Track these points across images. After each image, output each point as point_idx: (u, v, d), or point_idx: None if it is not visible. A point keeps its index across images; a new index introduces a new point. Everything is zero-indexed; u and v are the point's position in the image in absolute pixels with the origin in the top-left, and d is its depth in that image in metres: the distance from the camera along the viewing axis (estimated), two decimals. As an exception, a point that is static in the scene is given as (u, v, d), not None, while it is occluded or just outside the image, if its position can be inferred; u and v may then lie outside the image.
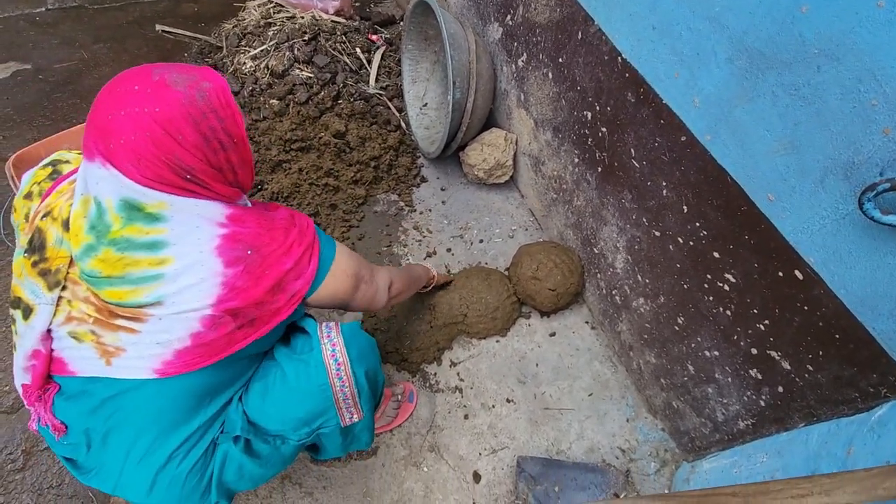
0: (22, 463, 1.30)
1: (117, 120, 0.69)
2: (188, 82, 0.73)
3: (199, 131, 0.73)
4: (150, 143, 0.70)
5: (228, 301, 0.78)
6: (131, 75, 0.73)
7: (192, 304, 0.76)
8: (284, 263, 0.83)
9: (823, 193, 0.82)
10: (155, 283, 0.74)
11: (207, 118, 0.74)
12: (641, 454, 1.42)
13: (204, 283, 0.76)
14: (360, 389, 0.99)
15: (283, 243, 0.84)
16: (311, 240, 0.90)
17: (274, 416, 0.93)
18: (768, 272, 0.97)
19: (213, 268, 0.76)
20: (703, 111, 1.01)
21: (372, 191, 1.97)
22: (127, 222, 0.73)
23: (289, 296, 0.86)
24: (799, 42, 0.79)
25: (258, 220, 0.83)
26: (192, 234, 0.76)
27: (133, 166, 0.70)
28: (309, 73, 2.13)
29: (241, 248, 0.79)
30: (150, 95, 0.70)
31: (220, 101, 0.75)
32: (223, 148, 0.77)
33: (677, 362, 1.32)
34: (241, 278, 0.78)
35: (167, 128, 0.70)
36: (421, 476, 1.35)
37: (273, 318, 0.85)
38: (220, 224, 0.79)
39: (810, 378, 0.95)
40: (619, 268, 1.46)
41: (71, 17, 2.58)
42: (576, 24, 1.35)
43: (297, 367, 0.95)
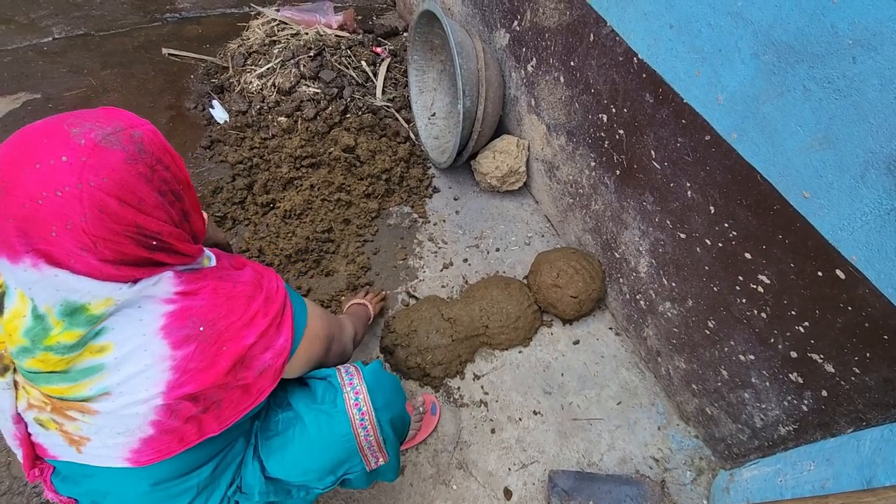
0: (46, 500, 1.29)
1: (52, 203, 0.56)
2: (120, 136, 0.62)
3: (155, 189, 0.65)
4: (108, 219, 0.59)
5: (181, 387, 0.69)
6: (45, 145, 0.58)
7: (140, 395, 0.67)
8: (246, 337, 0.74)
9: (865, 189, 0.78)
10: (96, 375, 0.66)
11: (157, 171, 0.65)
12: (676, 463, 1.38)
13: (150, 371, 0.67)
14: (385, 437, 0.95)
15: (243, 314, 0.75)
16: (279, 307, 0.80)
17: (295, 469, 0.90)
18: (806, 272, 0.93)
19: (159, 351, 0.67)
20: (728, 109, 0.98)
21: (384, 204, 1.95)
22: (68, 327, 0.63)
23: (258, 371, 0.76)
24: (831, 33, 0.76)
25: (214, 288, 0.74)
26: (133, 316, 0.67)
27: (86, 252, 0.59)
28: (316, 88, 2.13)
29: (190, 325, 0.70)
30: (88, 164, 0.58)
31: (158, 148, 0.66)
32: (178, 199, 0.69)
33: (709, 367, 1.28)
34: (193, 360, 0.69)
35: (122, 196, 0.60)
36: (450, 495, 1.32)
37: (244, 399, 0.77)
38: (167, 300, 0.69)
39: (857, 381, 0.91)
40: (643, 272, 1.42)
41: (78, 46, 2.60)
42: (587, 27, 1.33)
43: (317, 417, 0.91)
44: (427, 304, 1.59)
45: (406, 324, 1.54)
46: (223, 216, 1.86)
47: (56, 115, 0.63)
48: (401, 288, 1.73)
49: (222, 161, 2.05)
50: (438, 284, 1.74)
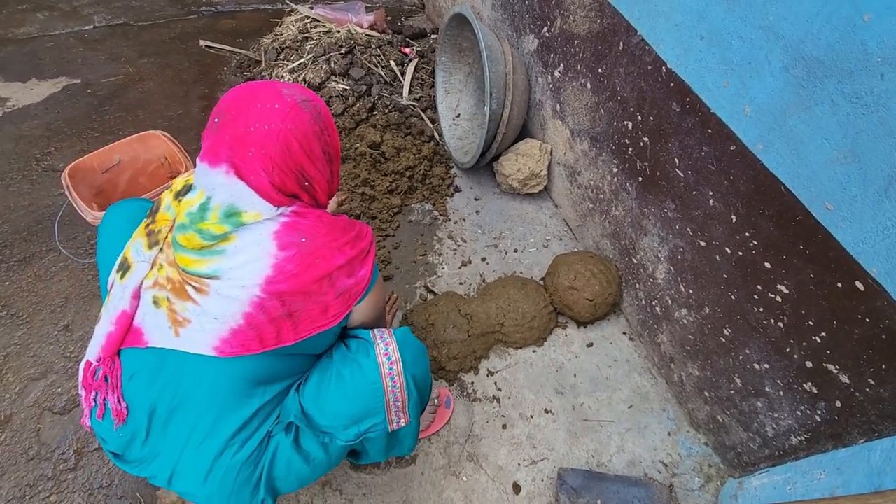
0: (74, 463, 1.34)
1: (260, 132, 0.79)
2: (310, 104, 0.85)
3: (322, 146, 0.86)
4: (288, 155, 0.81)
5: (276, 283, 0.81)
6: (265, 93, 0.82)
7: (244, 281, 0.80)
8: (336, 259, 0.87)
9: (888, 203, 0.80)
10: (216, 257, 0.81)
11: (325, 134, 0.87)
12: (685, 469, 1.39)
13: (256, 263, 0.81)
14: (409, 394, 0.99)
15: (336, 239, 0.88)
16: (366, 246, 0.93)
17: (326, 410, 0.94)
18: (825, 283, 0.95)
19: (267, 249, 0.81)
20: (755, 120, 1.00)
21: (407, 200, 2.00)
22: (220, 221, 0.81)
23: (339, 291, 0.88)
24: (861, 50, 0.78)
25: (319, 216, 0.89)
26: (260, 224, 0.83)
27: (265, 173, 0.80)
28: (345, 85, 2.18)
29: (296, 235, 0.83)
30: (290, 115, 0.81)
31: (329, 121, 0.88)
32: (331, 161, 0.90)
33: (723, 375, 1.29)
34: (291, 262, 0.82)
35: (303, 143, 0.82)
36: (460, 486, 1.35)
37: (320, 317, 0.88)
38: (284, 215, 0.85)
39: (872, 392, 0.92)
40: (661, 278, 1.44)
41: (117, 34, 2.69)
42: (617, 35, 1.36)
43: (351, 366, 0.97)
44: (445, 299, 1.62)
45: (424, 317, 1.57)
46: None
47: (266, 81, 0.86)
48: (419, 283, 1.77)
49: (251, 151, 2.10)
50: (456, 281, 1.78)
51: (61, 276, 1.70)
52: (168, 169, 1.79)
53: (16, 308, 1.63)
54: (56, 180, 1.95)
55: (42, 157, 2.05)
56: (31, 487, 1.30)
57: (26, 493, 1.29)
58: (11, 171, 1.99)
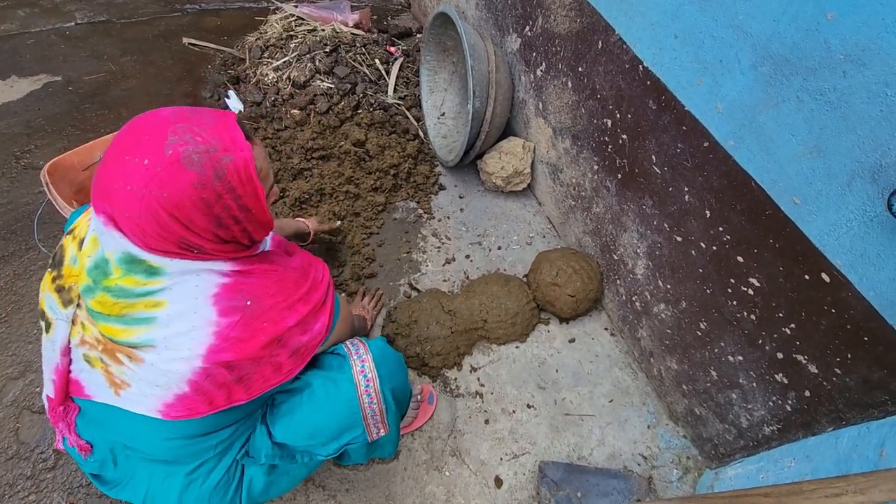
0: (53, 462, 1.33)
1: (122, 193, 0.65)
2: (205, 158, 0.66)
3: (212, 214, 0.69)
4: (156, 225, 0.67)
5: (220, 352, 0.73)
6: (143, 142, 0.66)
7: (183, 353, 0.72)
8: (287, 320, 0.79)
9: (850, 196, 0.83)
10: (147, 325, 0.72)
11: (222, 199, 0.69)
12: (663, 461, 1.42)
13: (195, 332, 0.72)
14: (387, 407, 1.00)
15: (288, 297, 0.80)
16: (321, 296, 0.86)
17: (301, 433, 0.94)
18: (794, 275, 0.97)
19: (206, 316, 0.73)
20: (727, 117, 1.02)
21: (391, 198, 2.00)
22: (126, 273, 0.71)
23: (292, 351, 0.81)
24: (825, 48, 0.81)
25: (266, 270, 0.80)
26: (190, 281, 0.73)
27: (137, 238, 0.68)
28: (330, 83, 2.18)
29: (239, 298, 0.75)
30: (159, 176, 0.64)
31: (239, 178, 0.69)
32: (237, 222, 0.73)
33: (700, 368, 1.32)
34: (235, 328, 0.74)
35: (175, 213, 0.66)
36: (443, 480, 1.36)
37: (274, 376, 0.81)
38: (223, 274, 0.76)
39: (838, 381, 0.95)
40: (640, 274, 1.47)
41: (99, 31, 2.66)
42: (596, 34, 1.38)
43: (325, 383, 0.96)
44: (428, 296, 1.63)
45: (407, 314, 1.58)
46: (234, 203, 1.91)
47: (179, 109, 0.70)
48: (403, 280, 1.77)
49: (235, 150, 2.10)
50: (440, 278, 1.79)
51: (41, 274, 1.68)
52: (150, 166, 1.77)
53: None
54: (36, 178, 1.93)
55: (21, 155, 2.02)
56: (10, 487, 1.28)
57: (5, 492, 1.27)
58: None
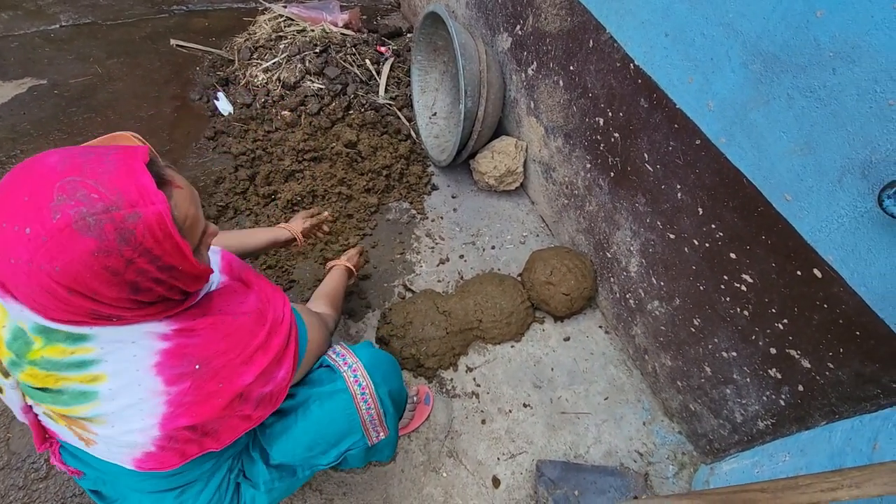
0: (45, 472, 1.31)
1: (7, 266, 0.54)
2: (104, 220, 0.54)
3: (123, 282, 0.58)
4: (55, 300, 0.57)
5: (177, 419, 0.68)
6: (22, 203, 0.53)
7: (136, 424, 0.67)
8: (244, 375, 0.72)
9: (841, 192, 0.84)
10: (90, 402, 0.65)
11: (134, 264, 0.57)
12: (659, 457, 1.42)
13: (144, 404, 0.66)
14: (385, 410, 1.00)
15: (242, 351, 0.72)
16: (282, 340, 0.79)
17: (299, 448, 0.93)
18: (786, 271, 0.98)
19: (152, 387, 0.66)
20: (718, 115, 1.03)
21: (384, 199, 1.99)
22: (48, 342, 0.62)
23: (256, 403, 0.76)
24: (814, 46, 0.81)
25: (213, 324, 0.71)
26: (125, 349, 0.64)
27: (39, 311, 0.59)
28: (320, 84, 2.17)
29: (185, 363, 0.67)
30: (46, 247, 0.52)
31: (154, 237, 0.58)
32: (160, 283, 0.62)
33: (694, 364, 1.32)
34: (188, 395, 0.68)
35: (74, 287, 0.55)
36: (440, 482, 1.36)
37: (243, 424, 0.77)
38: (162, 337, 0.66)
39: (831, 376, 0.96)
40: (633, 271, 1.47)
41: (84, 34, 2.63)
42: (587, 33, 1.38)
43: (319, 398, 0.95)
44: (423, 297, 1.63)
45: (402, 315, 1.57)
46: (225, 206, 1.89)
47: (70, 153, 0.56)
48: (398, 281, 1.77)
49: (225, 152, 2.08)
50: (435, 279, 1.78)
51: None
52: (139, 170, 1.75)
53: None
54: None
55: (7, 160, 1.99)
56: (2, 498, 1.26)
57: (-5, 503, 1.26)
58: (-26, 175, 1.93)
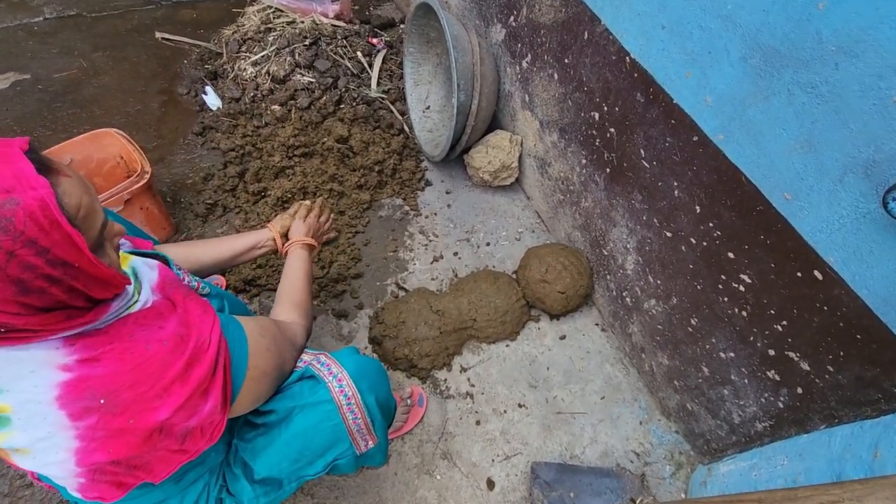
0: (29, 479, 1.28)
1: None
2: None
3: (7, 279, 0.52)
4: None
5: (92, 454, 0.62)
6: None
7: (52, 457, 0.61)
8: (158, 410, 0.64)
9: (843, 192, 0.81)
10: (3, 430, 0.60)
11: (17, 257, 0.52)
12: (656, 457, 1.41)
13: (55, 438, 0.61)
14: (373, 419, 0.97)
15: (155, 383, 0.64)
16: (206, 370, 0.69)
17: (285, 461, 0.91)
18: (786, 272, 0.95)
19: (58, 421, 0.60)
20: (716, 110, 1.00)
21: (377, 195, 1.96)
22: None
23: (181, 437, 0.69)
24: (816, 39, 0.78)
25: (121, 353, 0.63)
26: (25, 380, 0.60)
27: None
28: (310, 77, 2.12)
29: (89, 397, 0.61)
30: None
31: (38, 225, 0.52)
32: (55, 282, 0.55)
33: (691, 364, 1.30)
34: (97, 430, 0.61)
35: None
36: (434, 484, 1.34)
37: (176, 457, 0.70)
38: (63, 367, 0.60)
39: (831, 379, 0.93)
40: (630, 269, 1.45)
41: (69, 26, 2.57)
42: (582, 25, 1.34)
43: (303, 410, 0.91)
44: (416, 296, 1.60)
45: (395, 315, 1.55)
46: (213, 203, 1.86)
47: None
48: (390, 280, 1.74)
49: (214, 148, 2.04)
50: (428, 277, 1.75)
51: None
52: (125, 168, 1.71)
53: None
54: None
55: (-10, 158, 1.94)
56: (-15, 506, 1.24)
57: (-19, 512, 1.23)
58: (-43, 174, 1.89)
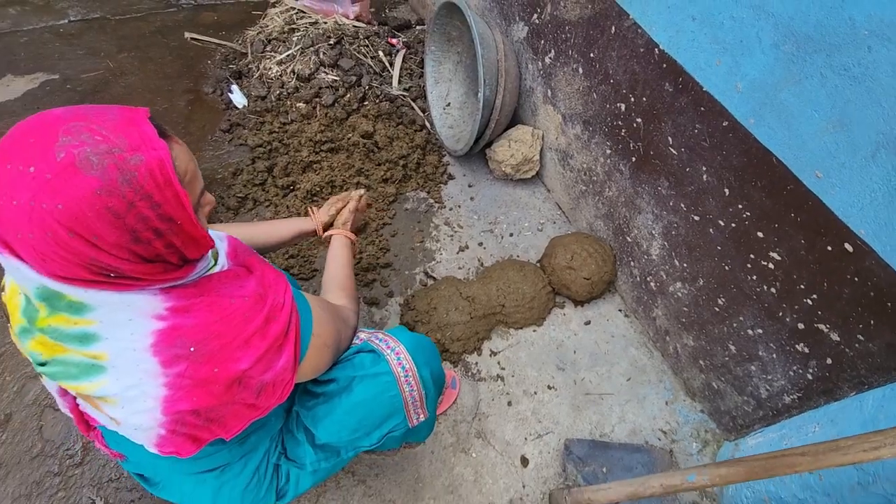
0: (80, 458, 1.32)
1: (9, 210, 0.53)
2: (108, 160, 0.54)
3: (124, 227, 0.56)
4: (55, 245, 0.55)
5: (177, 402, 0.67)
6: (29, 145, 0.54)
7: (139, 405, 0.67)
8: (240, 360, 0.70)
9: (875, 167, 0.86)
10: (97, 378, 0.65)
11: (135, 208, 0.57)
12: (682, 435, 1.46)
13: (145, 385, 0.66)
14: (427, 392, 1.02)
15: (237, 335, 0.70)
16: (281, 327, 0.75)
17: (345, 430, 0.95)
18: (816, 247, 1.01)
19: (150, 369, 0.65)
20: (747, 96, 1.05)
21: (401, 189, 2.01)
22: (51, 311, 0.62)
23: (257, 391, 0.74)
24: (849, 25, 0.84)
25: (209, 305, 0.69)
26: (124, 328, 0.64)
27: (38, 264, 0.57)
28: (334, 76, 2.18)
29: (179, 345, 0.66)
30: (50, 184, 0.52)
31: (155, 181, 0.58)
32: (160, 235, 0.60)
33: (717, 343, 1.35)
34: (184, 377, 0.67)
35: (75, 228, 0.54)
36: (470, 462, 1.38)
37: (249, 412, 0.75)
38: (158, 317, 0.66)
39: (861, 348, 0.99)
40: (655, 254, 1.50)
41: (94, 29, 2.62)
42: (609, 19, 1.40)
43: (363, 380, 0.96)
44: (446, 283, 1.65)
45: (426, 302, 1.60)
46: (244, 197, 1.90)
47: (75, 107, 0.58)
48: (419, 269, 1.79)
49: (242, 144, 2.09)
50: (455, 266, 1.80)
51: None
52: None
53: (7, 307, 1.59)
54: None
55: (24, 154, 1.99)
56: (37, 485, 1.28)
57: (33, 490, 1.27)
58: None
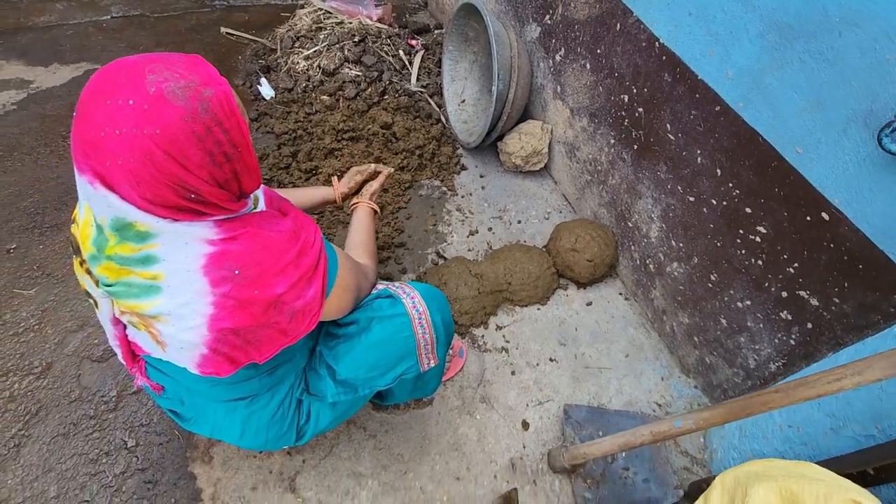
0: (114, 404, 1.44)
1: (111, 140, 0.63)
2: (188, 92, 0.65)
3: (204, 149, 0.67)
4: (151, 167, 0.64)
5: (221, 320, 0.76)
6: (122, 84, 0.63)
7: (189, 322, 0.76)
8: (276, 286, 0.79)
9: (846, 140, 0.96)
10: (154, 297, 0.75)
11: (212, 133, 0.68)
12: (676, 408, 1.54)
13: (194, 303, 0.75)
14: (437, 336, 1.11)
15: (276, 263, 0.80)
16: (312, 261, 0.85)
17: (363, 367, 1.05)
18: (797, 218, 1.11)
19: (200, 287, 0.75)
20: (737, 82, 1.16)
21: (417, 176, 2.13)
22: (120, 241, 0.72)
23: (290, 315, 0.83)
24: (823, 13, 0.95)
25: (253, 236, 0.79)
26: (181, 250, 0.73)
27: (132, 188, 0.66)
28: (357, 71, 2.33)
29: (227, 267, 0.75)
30: (147, 113, 0.62)
31: (224, 110, 0.69)
32: (228, 160, 0.71)
33: (710, 318, 1.44)
34: (229, 297, 0.76)
35: (169, 150, 0.64)
36: (474, 423, 1.47)
37: (281, 338, 0.84)
38: (209, 241, 0.75)
39: (837, 310, 1.08)
40: (654, 237, 1.60)
41: (134, 24, 2.81)
42: (615, 17, 1.52)
43: (381, 321, 1.06)
44: (456, 262, 1.76)
45: (437, 278, 1.70)
46: (269, 179, 2.04)
47: (146, 54, 0.67)
48: (431, 249, 1.90)
49: (268, 132, 2.23)
50: (465, 248, 1.91)
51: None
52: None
53: (51, 269, 1.72)
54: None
55: (68, 134, 2.14)
56: (74, 426, 1.39)
57: (70, 430, 1.38)
58: (39, 147, 2.09)
